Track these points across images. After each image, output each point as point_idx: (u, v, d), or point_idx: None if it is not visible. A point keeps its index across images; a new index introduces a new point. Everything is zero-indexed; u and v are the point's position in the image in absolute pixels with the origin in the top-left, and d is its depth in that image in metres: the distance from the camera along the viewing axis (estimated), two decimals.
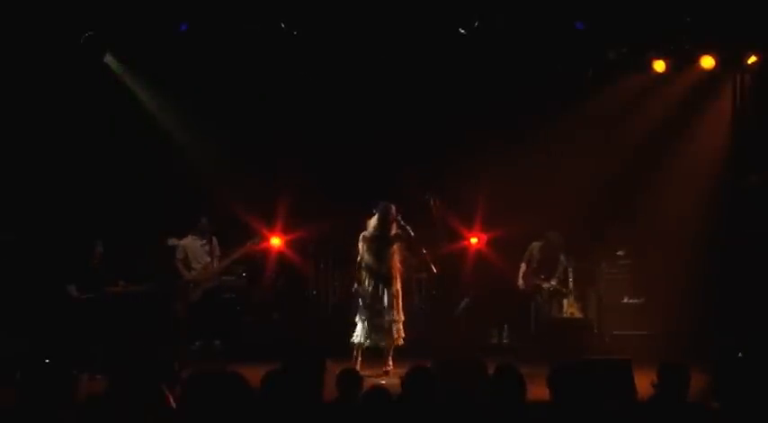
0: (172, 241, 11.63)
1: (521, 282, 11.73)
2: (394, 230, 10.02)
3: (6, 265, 10.86)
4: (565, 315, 11.59)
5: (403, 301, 10.23)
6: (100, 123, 11.69)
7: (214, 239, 11.50)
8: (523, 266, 11.75)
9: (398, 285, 10.12)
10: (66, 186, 11.58)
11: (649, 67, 11.56)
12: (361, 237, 10.08)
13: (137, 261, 11.37)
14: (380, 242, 10.00)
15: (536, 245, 11.68)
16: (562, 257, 11.56)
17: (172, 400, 5.44)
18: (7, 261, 10.89)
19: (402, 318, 10.10)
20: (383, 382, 8.93)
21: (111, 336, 10.23)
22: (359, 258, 10.08)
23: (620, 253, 11.94)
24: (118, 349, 9.84)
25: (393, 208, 10.01)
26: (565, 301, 11.60)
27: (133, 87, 11.90)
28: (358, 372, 6.01)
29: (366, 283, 10.00)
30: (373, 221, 10.03)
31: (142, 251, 11.48)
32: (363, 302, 10.01)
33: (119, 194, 11.80)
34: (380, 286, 9.99)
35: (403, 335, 10.06)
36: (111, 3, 10.64)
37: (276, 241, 12.11)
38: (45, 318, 10.42)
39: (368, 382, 6.15)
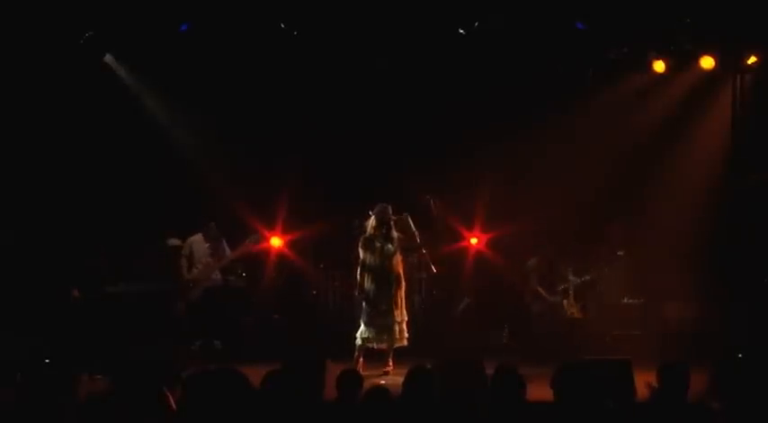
0: (172, 241, 11.64)
1: (551, 299, 11.64)
2: (394, 231, 10.04)
3: (6, 265, 10.87)
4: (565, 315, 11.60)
5: (406, 301, 10.25)
6: (100, 123, 11.70)
7: (224, 242, 11.50)
8: (539, 289, 11.67)
9: (402, 285, 10.14)
10: (66, 186, 11.59)
11: (649, 67, 11.56)
12: (361, 239, 10.10)
13: (137, 261, 11.38)
14: (381, 243, 10.01)
15: (532, 262, 11.70)
16: (569, 274, 11.58)
17: (172, 401, 5.44)
18: (7, 261, 10.89)
19: (406, 318, 10.12)
20: (383, 382, 8.94)
21: (111, 336, 10.23)
22: (360, 260, 10.09)
23: (620, 253, 11.93)
24: (118, 349, 9.84)
25: (389, 208, 10.04)
26: (565, 302, 11.61)
27: (133, 87, 11.91)
28: (359, 372, 6.01)
29: (369, 284, 10.01)
30: (371, 223, 10.06)
31: (142, 251, 11.49)
32: (367, 303, 10.02)
33: (119, 194, 11.81)
34: (383, 287, 10.00)
35: (407, 335, 10.07)
36: (111, 3, 10.64)
37: (276, 241, 12.11)
38: (45, 318, 10.42)
39: (368, 383, 6.15)
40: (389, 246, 10.02)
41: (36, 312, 10.45)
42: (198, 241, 11.49)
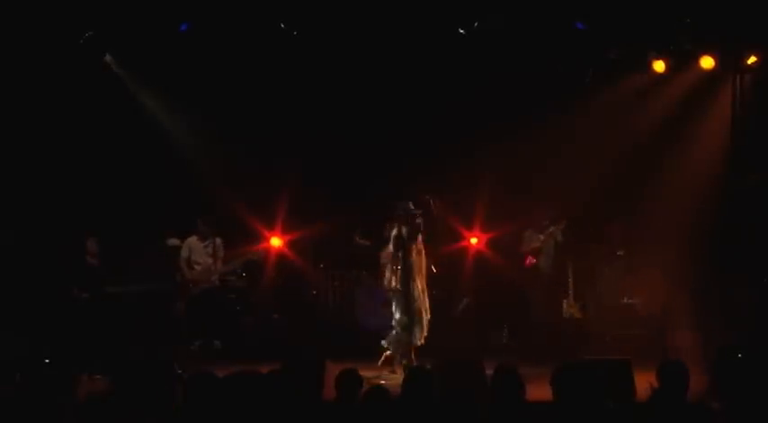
0: (171, 241, 11.65)
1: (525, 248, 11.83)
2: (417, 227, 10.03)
3: (6, 264, 10.86)
4: (565, 315, 11.60)
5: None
6: (100, 123, 11.70)
7: (218, 240, 11.52)
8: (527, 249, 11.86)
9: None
10: (66, 186, 11.59)
11: (649, 67, 11.57)
12: (392, 239, 10.05)
13: (136, 261, 11.38)
14: (410, 242, 10.02)
15: (528, 232, 11.83)
16: (557, 232, 11.73)
17: (172, 401, 5.44)
18: (7, 260, 10.89)
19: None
20: (383, 382, 8.93)
21: (111, 336, 10.23)
22: (395, 260, 10.04)
23: (620, 253, 11.93)
24: (118, 349, 9.84)
25: (410, 204, 10.05)
26: (564, 302, 11.61)
27: (133, 87, 11.90)
28: (358, 372, 6.00)
29: (408, 282, 9.98)
30: (397, 222, 10.03)
31: (142, 251, 11.49)
32: (416, 301, 10.00)
33: (119, 194, 11.81)
34: (419, 283, 10.02)
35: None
36: (111, 3, 10.65)
37: (276, 241, 12.11)
38: (45, 318, 10.42)
39: (367, 383, 6.14)
40: (415, 242, 10.03)
41: (36, 312, 10.45)
42: (194, 242, 11.52)
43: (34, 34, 10.58)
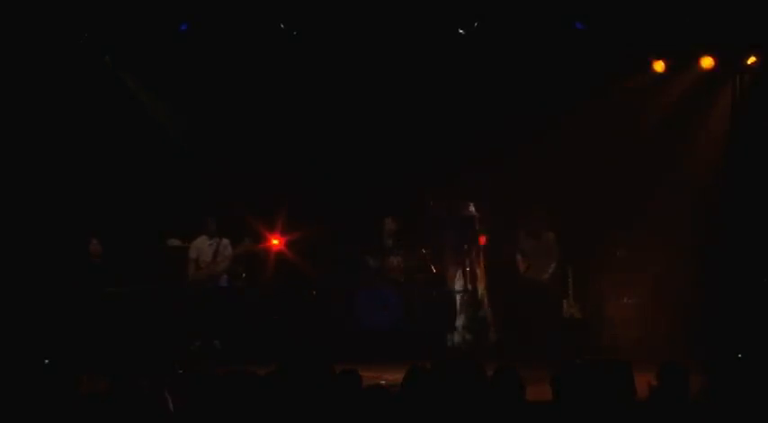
0: (172, 241, 11.66)
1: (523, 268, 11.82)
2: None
3: (6, 264, 10.87)
4: (565, 315, 11.60)
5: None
6: (101, 123, 11.71)
7: (225, 240, 11.52)
8: (519, 258, 11.80)
9: None
10: (66, 186, 11.60)
11: (649, 67, 11.57)
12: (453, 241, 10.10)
13: (137, 261, 11.39)
14: (473, 244, 10.03)
15: (522, 232, 11.80)
16: (552, 237, 11.62)
17: (171, 402, 5.44)
18: (7, 261, 10.90)
19: None
20: (383, 382, 8.93)
21: (111, 336, 10.24)
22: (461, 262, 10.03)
23: (620, 253, 11.93)
24: (118, 349, 9.84)
25: (472, 206, 10.02)
26: (565, 302, 11.61)
27: (133, 87, 11.91)
28: (358, 372, 6.00)
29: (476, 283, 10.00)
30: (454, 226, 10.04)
31: (143, 251, 11.50)
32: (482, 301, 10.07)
33: (119, 194, 11.82)
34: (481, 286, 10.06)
35: None
36: (110, 3, 10.66)
37: (276, 241, 12.11)
38: (46, 317, 10.42)
39: (367, 382, 6.14)
40: (476, 244, 10.02)
41: (37, 312, 10.45)
42: (201, 244, 11.53)
43: (34, 35, 10.59)
